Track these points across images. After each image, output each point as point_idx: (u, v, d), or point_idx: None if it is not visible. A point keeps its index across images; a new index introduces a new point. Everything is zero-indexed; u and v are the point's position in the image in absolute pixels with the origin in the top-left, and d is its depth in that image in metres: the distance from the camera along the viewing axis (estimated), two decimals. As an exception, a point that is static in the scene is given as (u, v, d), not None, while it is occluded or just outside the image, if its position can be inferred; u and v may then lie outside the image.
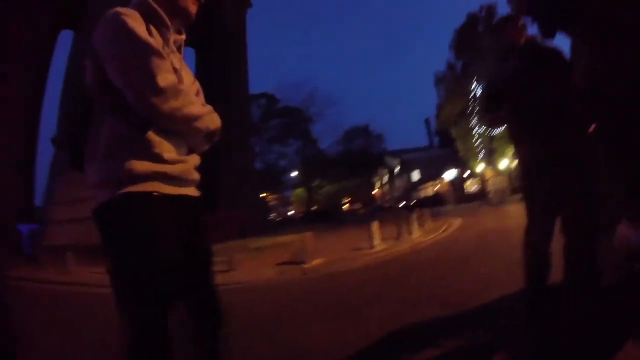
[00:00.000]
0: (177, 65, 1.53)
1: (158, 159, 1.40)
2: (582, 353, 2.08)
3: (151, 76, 1.32)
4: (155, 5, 1.48)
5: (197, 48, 27.82)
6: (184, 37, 1.63)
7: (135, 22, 1.38)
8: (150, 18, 1.46)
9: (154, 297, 1.37)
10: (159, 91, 1.33)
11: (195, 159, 1.60)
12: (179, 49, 1.62)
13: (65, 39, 25.22)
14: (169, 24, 1.51)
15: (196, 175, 1.60)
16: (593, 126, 1.47)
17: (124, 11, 1.39)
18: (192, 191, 1.59)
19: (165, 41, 1.50)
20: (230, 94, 25.22)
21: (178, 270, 1.43)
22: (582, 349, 2.11)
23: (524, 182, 2.65)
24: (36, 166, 26.85)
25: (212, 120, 1.58)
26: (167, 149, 1.43)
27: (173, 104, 1.37)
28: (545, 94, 2.39)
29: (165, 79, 1.35)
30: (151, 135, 1.38)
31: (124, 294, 1.40)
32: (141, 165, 1.36)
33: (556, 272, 2.46)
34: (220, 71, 26.07)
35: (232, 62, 28.66)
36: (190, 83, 1.63)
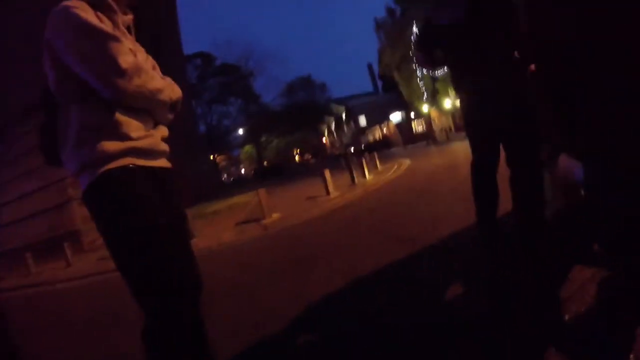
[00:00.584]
0: (131, 46, 1.57)
1: (127, 137, 1.47)
2: (530, 278, 2.26)
3: (113, 60, 1.39)
4: None
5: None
6: (130, 16, 1.67)
7: (85, 12, 1.42)
8: (96, 6, 1.50)
9: (170, 266, 1.45)
10: (123, 72, 1.40)
11: (162, 131, 1.68)
12: (128, 29, 1.65)
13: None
14: (116, 8, 1.55)
15: (164, 147, 1.68)
16: (533, 66, 1.54)
17: (72, 4, 1.42)
18: (163, 162, 1.67)
19: (115, 25, 1.55)
20: (164, 58, 24.01)
21: (169, 235, 1.50)
22: (530, 274, 2.30)
23: (466, 117, 2.75)
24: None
25: (173, 90, 1.68)
26: (134, 127, 1.50)
27: (137, 81, 1.44)
28: (485, 34, 2.44)
29: (125, 60, 1.41)
30: (118, 116, 1.45)
31: (133, 272, 1.44)
32: (112, 145, 1.43)
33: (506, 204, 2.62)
34: (152, 32, 24.58)
35: (162, 24, 27.01)
36: (144, 59, 1.67)
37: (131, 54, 1.47)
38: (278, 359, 2.23)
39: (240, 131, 53.07)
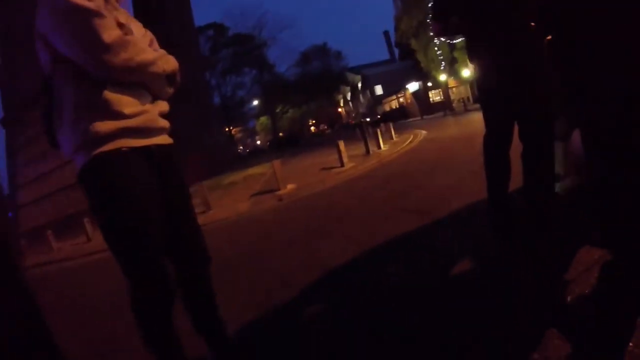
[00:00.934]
0: (123, 20, 1.57)
1: (119, 115, 1.47)
2: (536, 257, 2.27)
3: (96, 35, 1.39)
4: None
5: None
6: None
7: None
8: None
9: (142, 246, 1.48)
10: (107, 47, 1.40)
11: (160, 106, 1.67)
12: (125, 5, 1.66)
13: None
14: None
15: (163, 123, 1.67)
16: (548, 38, 1.50)
17: None
18: (161, 139, 1.66)
19: (105, 1, 1.53)
20: (175, 30, 23.81)
21: (158, 217, 1.53)
22: (537, 253, 2.31)
23: (480, 90, 2.70)
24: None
25: (167, 62, 1.65)
26: (126, 104, 1.49)
27: (123, 55, 1.44)
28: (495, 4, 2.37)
29: (110, 35, 1.41)
30: (107, 94, 1.45)
31: (115, 247, 1.50)
32: (105, 125, 1.44)
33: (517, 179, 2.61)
34: (161, 7, 24.32)
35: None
36: (141, 35, 1.68)
37: (116, 28, 1.46)
38: (288, 325, 2.29)
39: (255, 102, 52.95)
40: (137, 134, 1.53)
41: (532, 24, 2.29)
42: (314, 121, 74.32)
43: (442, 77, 32.80)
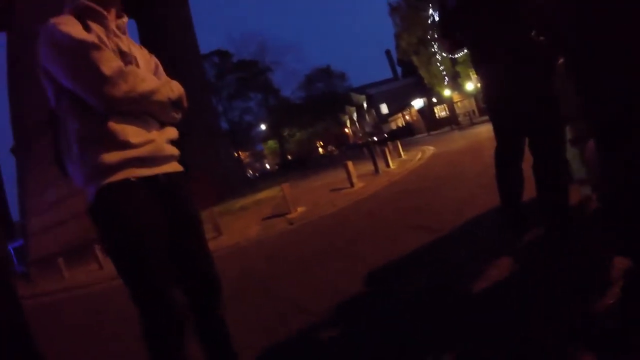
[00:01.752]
0: (126, 48, 1.58)
1: (126, 145, 1.46)
2: (556, 264, 2.22)
3: (95, 68, 1.38)
4: (86, 2, 1.52)
5: (138, 19, 26.30)
6: (125, 19, 1.67)
7: (68, 25, 1.43)
8: (85, 14, 1.52)
9: (148, 277, 1.46)
10: (107, 79, 1.39)
11: (168, 133, 1.66)
12: (124, 32, 1.65)
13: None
14: (105, 13, 1.55)
15: (171, 150, 1.65)
16: (561, 60, 1.52)
17: (56, 20, 1.45)
18: (171, 167, 1.64)
19: (107, 29, 1.54)
20: (181, 58, 24.30)
21: (164, 247, 1.51)
22: (556, 260, 2.26)
23: (489, 105, 2.69)
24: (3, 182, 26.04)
25: (170, 89, 1.63)
26: (132, 134, 1.48)
27: (124, 87, 1.43)
28: (498, 17, 2.37)
29: (109, 67, 1.40)
30: (112, 125, 1.44)
31: (123, 278, 1.48)
32: (111, 157, 1.44)
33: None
34: (167, 36, 24.87)
35: (176, 25, 27.30)
36: (146, 61, 1.68)
37: (116, 59, 1.46)
38: (303, 352, 2.26)
39: (263, 126, 53.44)
40: (145, 163, 1.52)
41: (538, 36, 2.29)
42: (321, 143, 74.65)
43: (447, 92, 32.91)
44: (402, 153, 13.90)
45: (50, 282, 11.08)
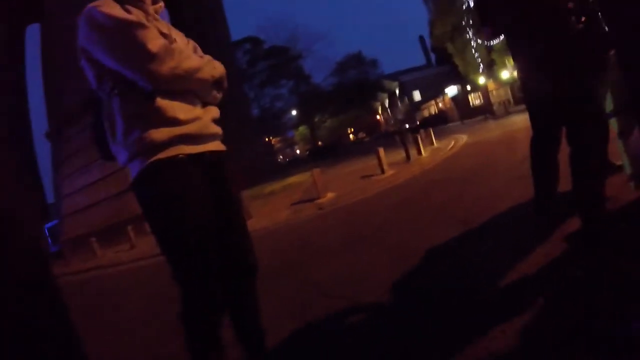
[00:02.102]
0: (166, 31, 1.59)
1: (174, 122, 1.48)
2: (592, 255, 2.14)
3: (141, 46, 1.40)
4: None
5: (170, 6, 26.45)
6: (162, 4, 1.70)
7: (108, 6, 1.44)
8: (123, 1, 1.52)
9: (196, 257, 1.48)
10: (153, 56, 1.40)
11: (212, 112, 1.68)
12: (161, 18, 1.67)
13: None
14: None
15: (215, 129, 1.67)
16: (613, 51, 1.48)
17: (95, 3, 1.46)
18: (215, 145, 1.66)
19: (146, 13, 1.56)
20: (212, 45, 24.49)
21: (211, 226, 1.53)
22: (591, 252, 2.18)
23: (525, 91, 2.61)
24: (38, 164, 27.33)
25: (214, 67, 1.65)
26: (180, 110, 1.50)
27: (170, 63, 1.44)
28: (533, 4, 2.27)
29: (155, 44, 1.42)
30: (160, 102, 1.46)
31: (170, 256, 1.51)
32: (160, 133, 1.45)
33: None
34: (198, 24, 25.02)
35: (207, 11, 27.49)
36: (185, 43, 1.70)
37: (160, 37, 1.47)
38: (324, 339, 2.26)
39: (294, 112, 53.50)
40: (192, 141, 1.53)
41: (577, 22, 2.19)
42: (352, 130, 74.23)
43: (481, 80, 32.03)
44: (434, 141, 13.68)
45: (83, 260, 11.51)
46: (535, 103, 2.55)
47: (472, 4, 28.01)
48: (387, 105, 66.85)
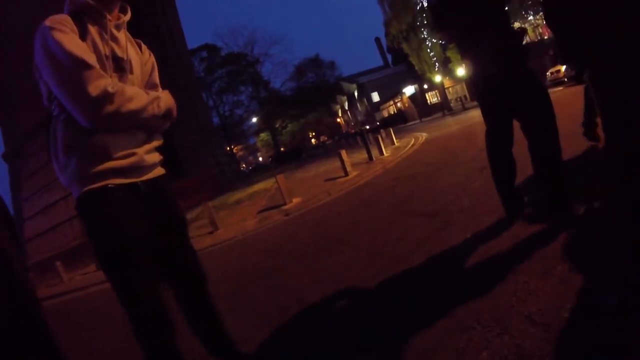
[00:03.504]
0: (121, 53, 1.58)
1: (106, 158, 1.50)
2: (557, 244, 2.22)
3: (82, 88, 1.38)
4: (86, 0, 1.51)
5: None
6: (126, 17, 1.66)
7: (62, 32, 1.41)
8: (85, 13, 1.51)
9: (130, 278, 1.51)
10: (92, 100, 1.39)
11: (152, 144, 1.69)
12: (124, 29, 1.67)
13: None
14: (105, 12, 1.54)
15: (152, 159, 1.68)
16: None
17: (51, 23, 1.41)
18: (153, 173, 1.68)
19: (104, 29, 1.54)
20: (170, 54, 24.05)
21: (145, 248, 1.55)
22: (558, 240, 2.26)
23: (476, 91, 2.71)
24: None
25: (157, 106, 1.62)
26: (115, 147, 1.51)
27: (109, 108, 1.42)
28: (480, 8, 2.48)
29: (96, 87, 1.39)
30: (96, 138, 1.47)
31: (110, 282, 1.55)
32: (92, 167, 1.48)
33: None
34: (155, 32, 24.52)
35: (164, 20, 26.97)
36: (142, 64, 1.70)
37: (105, 77, 1.44)
38: (305, 342, 2.24)
39: (254, 119, 53.20)
40: (124, 174, 1.55)
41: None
42: (314, 133, 74.53)
43: (437, 78, 32.85)
44: (395, 140, 13.89)
45: (50, 286, 11.03)
46: (485, 96, 2.65)
47: (425, 4, 28.76)
48: (347, 107, 67.50)
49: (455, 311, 1.92)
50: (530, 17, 27.07)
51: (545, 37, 27.99)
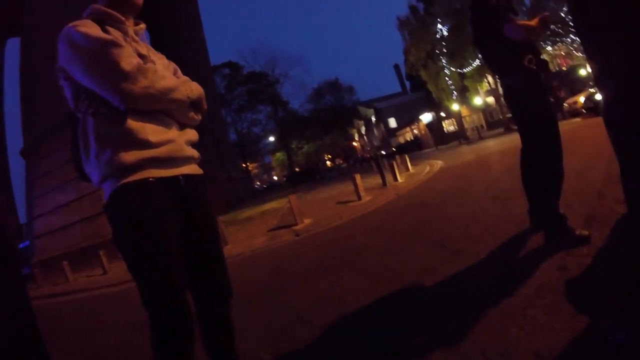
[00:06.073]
0: (144, 52, 1.59)
1: (145, 144, 1.46)
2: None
3: (115, 64, 1.39)
4: (104, 8, 1.57)
5: (151, 30, 26.68)
6: (143, 26, 1.71)
7: (86, 26, 1.45)
8: (104, 20, 1.55)
9: (162, 279, 1.44)
10: (126, 75, 1.39)
11: (188, 135, 1.66)
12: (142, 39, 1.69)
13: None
14: (123, 18, 1.59)
15: (191, 152, 1.65)
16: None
17: (74, 23, 1.46)
18: (190, 169, 1.64)
19: (125, 34, 1.57)
20: (192, 70, 24.58)
21: (180, 250, 1.50)
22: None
23: (523, 109, 2.79)
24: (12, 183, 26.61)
25: (190, 88, 1.63)
26: (152, 132, 1.48)
27: (143, 82, 1.42)
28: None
29: (129, 63, 1.41)
30: (131, 123, 1.44)
31: (136, 278, 1.47)
32: (130, 156, 1.43)
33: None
34: (179, 48, 25.13)
35: (188, 36, 27.67)
36: (164, 65, 1.70)
37: (135, 56, 1.47)
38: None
39: (271, 138, 53.74)
40: (163, 164, 1.51)
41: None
42: (329, 155, 74.83)
43: (455, 107, 32.89)
44: (410, 167, 13.85)
45: (54, 284, 11.13)
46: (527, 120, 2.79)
47: (445, 32, 29.03)
48: (363, 131, 67.78)
49: (460, 341, 1.87)
50: (549, 48, 27.09)
51: (564, 68, 27.99)
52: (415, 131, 45.81)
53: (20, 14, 20.26)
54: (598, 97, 14.52)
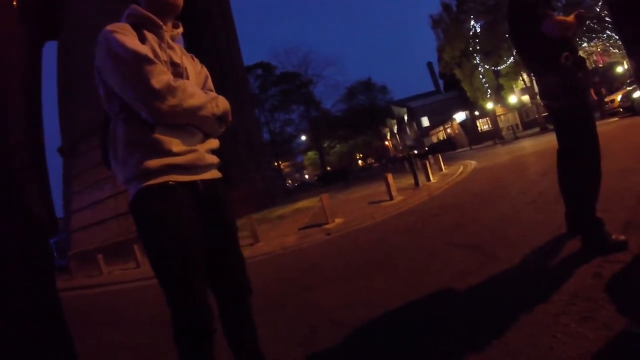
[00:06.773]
0: (178, 60, 1.66)
1: (168, 153, 1.53)
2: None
3: (146, 81, 1.44)
4: (143, 12, 1.62)
5: (186, 32, 27.12)
6: (180, 30, 1.77)
7: (124, 34, 1.51)
8: (142, 24, 1.61)
9: (182, 277, 1.51)
10: (156, 93, 1.45)
11: (210, 144, 1.73)
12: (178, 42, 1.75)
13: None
14: (161, 23, 1.64)
15: (211, 159, 1.72)
16: None
17: (112, 27, 1.52)
18: (210, 174, 1.71)
19: (161, 39, 1.63)
20: (227, 70, 24.96)
21: (199, 249, 1.56)
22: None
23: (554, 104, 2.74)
24: (49, 178, 27.81)
25: (216, 105, 1.68)
26: (175, 143, 1.55)
27: (171, 101, 1.48)
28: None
29: (159, 81, 1.46)
30: (157, 134, 1.51)
31: (158, 276, 1.54)
32: (154, 163, 1.51)
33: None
34: (213, 49, 25.59)
35: (222, 37, 28.13)
36: (196, 73, 1.77)
37: (166, 73, 1.52)
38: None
39: (303, 137, 53.97)
40: (185, 171, 1.58)
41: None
42: (361, 155, 74.52)
43: (489, 105, 32.11)
44: (443, 167, 13.66)
45: (89, 276, 11.54)
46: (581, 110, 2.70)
47: (478, 30, 28.42)
48: (395, 131, 67.14)
49: (491, 348, 1.85)
50: (585, 45, 26.08)
51: (601, 65, 26.92)
52: (449, 130, 45.03)
53: (58, 18, 21.16)
54: (636, 94, 13.87)
